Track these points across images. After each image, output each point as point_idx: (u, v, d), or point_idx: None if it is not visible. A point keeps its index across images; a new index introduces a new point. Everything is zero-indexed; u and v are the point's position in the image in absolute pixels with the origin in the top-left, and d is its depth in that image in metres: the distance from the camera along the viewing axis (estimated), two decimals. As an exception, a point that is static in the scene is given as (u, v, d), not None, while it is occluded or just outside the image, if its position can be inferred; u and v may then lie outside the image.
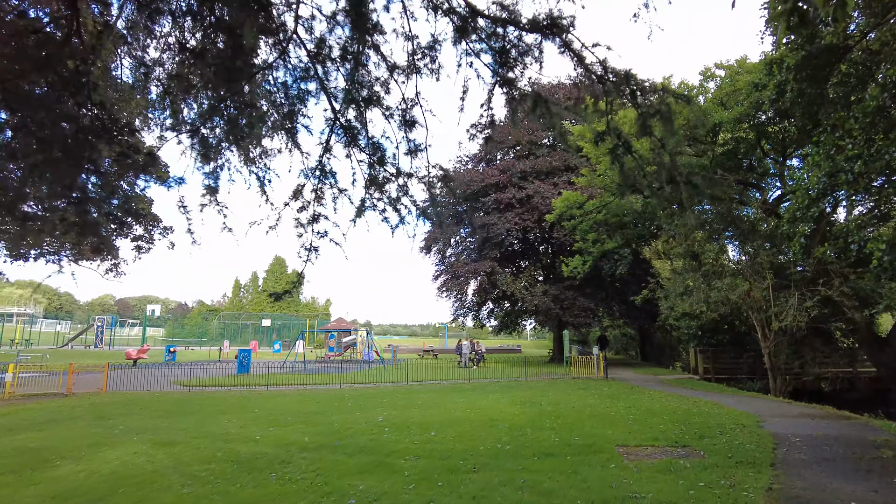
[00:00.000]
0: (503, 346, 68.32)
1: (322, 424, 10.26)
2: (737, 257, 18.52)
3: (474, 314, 38.74)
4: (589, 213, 21.90)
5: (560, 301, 28.83)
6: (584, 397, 14.10)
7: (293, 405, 13.16)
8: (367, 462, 7.17)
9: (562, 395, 14.74)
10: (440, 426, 9.82)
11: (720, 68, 17.60)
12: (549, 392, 15.47)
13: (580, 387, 16.87)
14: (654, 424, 9.74)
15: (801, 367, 17.57)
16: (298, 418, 11.07)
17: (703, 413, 11.10)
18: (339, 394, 15.61)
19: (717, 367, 21.38)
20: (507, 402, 13.37)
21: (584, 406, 12.36)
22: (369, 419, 10.81)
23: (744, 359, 21.16)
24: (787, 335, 16.42)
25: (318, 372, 23.08)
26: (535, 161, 31.13)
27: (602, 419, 10.44)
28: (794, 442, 8.05)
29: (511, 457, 7.36)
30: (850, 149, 8.12)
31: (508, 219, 29.82)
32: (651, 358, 38.06)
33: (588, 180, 20.31)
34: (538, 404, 12.80)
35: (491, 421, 10.34)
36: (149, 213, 18.29)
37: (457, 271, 32.74)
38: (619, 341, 51.96)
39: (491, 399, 13.99)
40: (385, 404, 13.14)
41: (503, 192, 30.78)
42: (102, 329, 45.54)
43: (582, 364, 22.51)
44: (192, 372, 23.30)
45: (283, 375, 20.72)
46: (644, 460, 7.06)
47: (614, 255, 25.89)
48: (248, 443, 8.59)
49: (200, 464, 7.14)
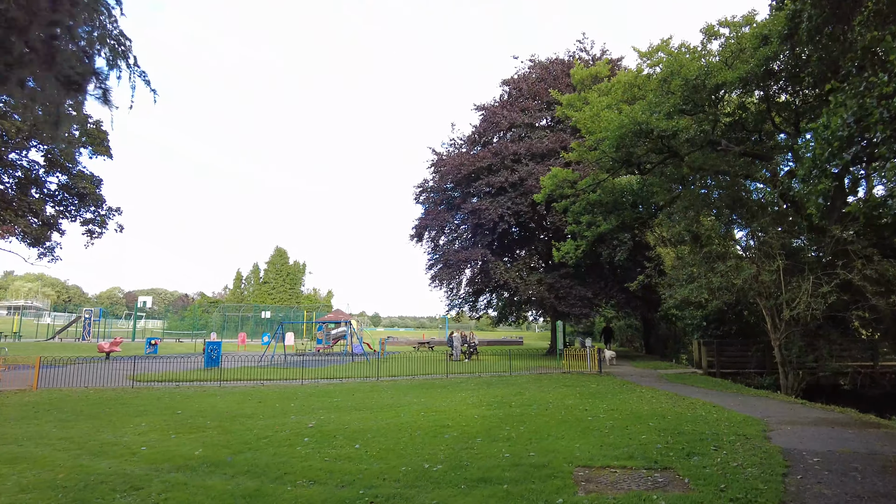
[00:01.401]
0: (506, 337, 66.56)
1: (236, 431, 8.57)
2: (745, 241, 16.53)
3: (471, 305, 36.82)
4: (582, 192, 19.96)
5: (555, 290, 26.94)
6: (565, 396, 12.30)
7: (228, 405, 11.50)
8: (241, 490, 5.44)
9: (541, 393, 12.95)
10: (373, 435, 8.09)
11: (724, 26, 15.49)
12: (528, 389, 13.70)
13: (566, 383, 15.07)
14: (634, 434, 7.93)
15: (815, 361, 15.63)
16: (218, 422, 9.40)
17: (698, 419, 9.26)
18: (292, 391, 13.94)
19: (722, 361, 19.46)
20: (473, 402, 11.62)
21: (559, 408, 10.57)
22: (299, 424, 9.11)
23: (752, 352, 19.22)
24: (801, 325, 14.48)
25: (293, 366, 21.50)
26: (529, 143, 29.10)
27: (574, 426, 8.65)
28: (812, 464, 6.19)
29: (432, 484, 5.60)
30: (886, 83, 6.22)
31: (500, 203, 27.92)
32: (656, 350, 36.11)
33: (578, 154, 18.32)
34: (507, 405, 11.03)
35: (439, 429, 8.59)
36: (92, 193, 16.68)
37: (448, 259, 30.87)
38: (623, 333, 49.96)
39: (457, 398, 12.24)
40: (332, 405, 11.44)
41: (495, 176, 28.85)
42: (90, 321, 44.32)
43: (574, 357, 20.70)
44: (158, 366, 21.86)
45: (248, 369, 19.10)
46: (605, 492, 5.26)
47: (613, 241, 23.94)
48: (122, 457, 6.91)
49: (11, 494, 5.46)
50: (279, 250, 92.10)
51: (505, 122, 30.95)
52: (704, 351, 19.96)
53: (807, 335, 15.68)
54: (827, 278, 12.65)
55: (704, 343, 20.10)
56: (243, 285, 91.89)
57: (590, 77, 18.32)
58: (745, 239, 15.23)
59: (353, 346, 34.24)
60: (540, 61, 33.45)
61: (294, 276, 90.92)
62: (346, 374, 18.10)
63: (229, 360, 22.07)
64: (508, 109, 31.55)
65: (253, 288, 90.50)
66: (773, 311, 14.96)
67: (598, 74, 18.71)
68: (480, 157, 29.93)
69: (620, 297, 27.27)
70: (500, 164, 29.03)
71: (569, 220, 21.08)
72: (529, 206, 27.33)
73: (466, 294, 35.04)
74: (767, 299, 14.58)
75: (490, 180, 28.76)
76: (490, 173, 29.30)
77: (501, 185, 28.32)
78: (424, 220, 33.06)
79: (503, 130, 31.87)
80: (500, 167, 29.01)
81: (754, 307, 16.82)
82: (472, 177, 29.82)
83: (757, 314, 17.16)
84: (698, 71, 13.32)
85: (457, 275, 32.36)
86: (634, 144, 14.43)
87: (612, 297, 27.18)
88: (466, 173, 29.74)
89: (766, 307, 14.74)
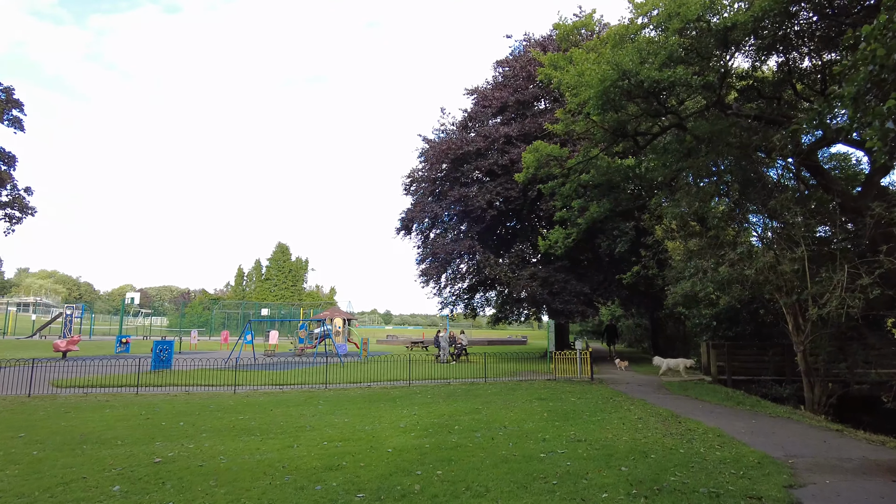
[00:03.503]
0: (511, 337, 63.80)
1: (48, 472, 6.18)
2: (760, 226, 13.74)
3: (466, 302, 33.90)
4: (572, 172, 17.30)
5: (549, 285, 24.26)
6: (529, 416, 9.73)
7: (100, 423, 9.13)
8: None
9: (503, 410, 10.40)
10: (219, 483, 5.64)
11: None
12: (491, 404, 11.16)
13: (542, 395, 12.49)
14: (593, 489, 5.38)
15: (848, 369, 12.84)
16: (48, 452, 7.03)
17: (693, 460, 6.65)
18: (203, 404, 11.56)
19: (734, 367, 16.70)
20: (410, 423, 9.13)
21: (512, 436, 8.02)
22: (142, 458, 6.70)
23: (769, 356, 16.44)
24: (831, 326, 11.74)
25: (249, 369, 19.21)
26: (521, 123, 26.42)
27: (513, 471, 6.11)
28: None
29: None
30: None
31: (489, 189, 25.31)
32: (665, 352, 33.25)
33: (565, 125, 15.64)
34: (448, 429, 8.52)
35: (323, 472, 6.12)
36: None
37: (436, 253, 28.27)
38: (632, 332, 47.03)
39: (393, 417, 9.75)
40: (226, 426, 9.02)
41: (485, 159, 26.25)
42: (71, 318, 42.56)
43: (565, 361, 18.11)
44: (104, 369, 19.62)
45: (196, 373, 16.74)
46: None
47: (614, 231, 21.22)
48: None
49: None
50: (281, 246, 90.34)
51: (496, 103, 28.30)
52: (714, 355, 17.21)
53: (837, 338, 12.91)
54: (867, 267, 9.91)
55: (714, 346, 17.35)
56: (245, 282, 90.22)
57: (575, 31, 15.67)
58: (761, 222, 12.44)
59: (336, 346, 32.06)
60: (535, 39, 30.70)
61: (296, 272, 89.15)
62: (293, 381, 15.69)
63: (186, 361, 19.80)
64: (501, 91, 28.92)
65: (255, 285, 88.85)
66: (795, 309, 12.21)
67: (587, 27, 16.04)
68: (469, 140, 27.31)
69: (622, 294, 24.54)
70: (490, 147, 26.42)
71: (557, 203, 18.39)
72: (520, 192, 24.68)
73: (460, 291, 32.35)
74: (788, 295, 11.82)
75: (478, 164, 26.16)
76: (479, 157, 26.70)
77: (490, 169, 25.72)
78: (412, 211, 30.43)
79: (494, 112, 29.19)
80: (489, 150, 26.41)
81: (772, 305, 14.06)
82: (460, 161, 27.23)
83: (775, 312, 14.41)
84: (703, 9, 10.61)
85: (446, 270, 29.80)
86: (623, 104, 11.82)
87: (613, 294, 24.48)
88: (454, 158, 27.16)
89: (786, 305, 11.99)
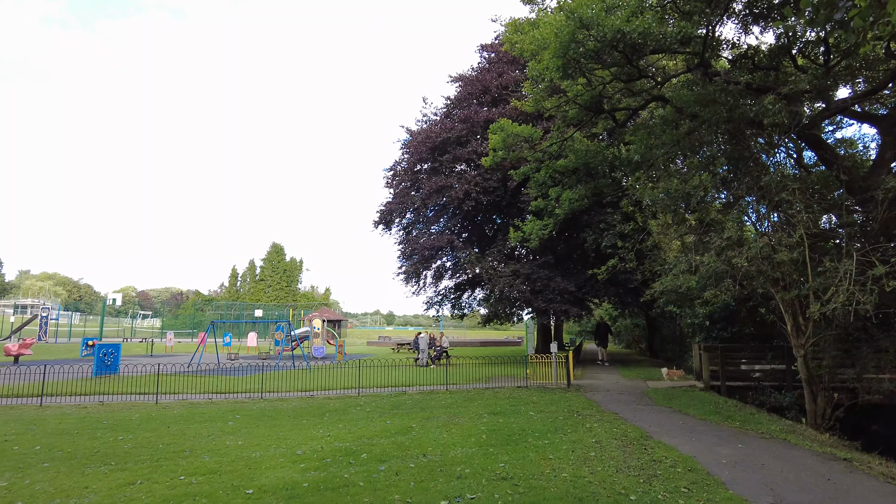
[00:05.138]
0: (508, 337, 61.83)
1: None
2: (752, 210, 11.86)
3: (453, 302, 31.85)
4: (546, 155, 15.51)
5: (532, 282, 22.46)
6: (463, 438, 7.96)
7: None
8: None
9: (437, 430, 8.64)
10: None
11: None
12: (429, 422, 9.42)
13: (498, 408, 10.71)
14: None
15: (856, 377, 11.00)
16: None
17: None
18: (113, 416, 9.86)
19: (728, 372, 14.86)
20: (313, 447, 7.39)
21: (423, 469, 6.28)
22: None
23: (767, 360, 14.62)
24: (837, 327, 9.93)
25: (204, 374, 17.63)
26: (503, 108, 24.62)
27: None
28: None
29: None
30: None
31: (467, 179, 23.55)
32: (661, 354, 31.38)
33: (535, 101, 13.81)
34: (351, 459, 6.79)
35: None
36: None
37: (414, 248, 26.50)
38: (630, 332, 45.10)
39: (300, 438, 8.02)
40: (96, 450, 7.33)
41: (464, 148, 24.50)
42: (47, 320, 41.10)
43: (543, 365, 16.37)
44: (36, 376, 17.99)
45: (138, 379, 15.08)
46: None
47: (600, 224, 19.41)
48: None
49: None
50: (276, 246, 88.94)
51: (479, 86, 26.53)
52: (706, 358, 15.37)
53: (842, 340, 11.09)
54: (881, 254, 8.10)
55: (706, 349, 15.51)
56: (239, 283, 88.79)
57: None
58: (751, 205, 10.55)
59: (314, 349, 30.45)
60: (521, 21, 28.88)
61: (291, 273, 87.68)
62: (231, 389, 14.00)
63: (138, 365, 17.95)
64: (485, 75, 27.14)
65: (249, 285, 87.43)
66: (794, 306, 10.39)
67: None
68: (449, 127, 25.58)
69: (611, 291, 22.72)
70: (470, 133, 24.67)
71: (531, 191, 16.57)
72: (499, 183, 22.93)
73: (446, 290, 30.51)
74: (786, 289, 10.01)
75: (457, 153, 24.41)
76: (459, 145, 24.95)
77: (469, 158, 23.99)
78: (392, 203, 28.58)
79: (478, 98, 27.40)
80: (469, 137, 24.66)
81: (772, 302, 12.23)
82: (440, 150, 25.48)
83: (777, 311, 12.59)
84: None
85: (428, 267, 28.02)
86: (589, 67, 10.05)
87: (601, 292, 22.65)
88: (432, 146, 25.43)
89: (784, 301, 10.17)
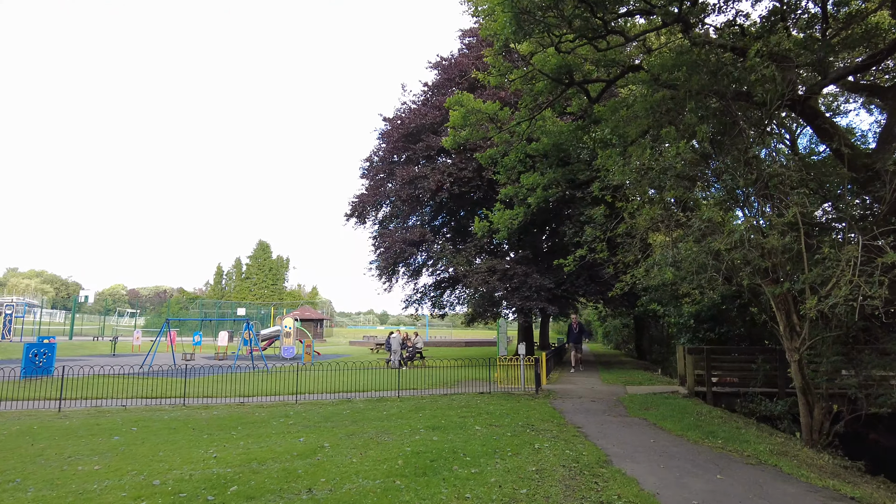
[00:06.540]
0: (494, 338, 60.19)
1: None
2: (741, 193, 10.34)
3: (434, 301, 30.19)
4: (515, 136, 13.95)
5: (509, 279, 20.95)
6: (376, 463, 6.41)
7: None
8: None
9: (352, 451, 7.09)
10: None
11: None
12: (351, 438, 7.87)
13: (438, 422, 9.17)
14: None
15: (859, 386, 9.51)
16: None
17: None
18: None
19: (715, 377, 13.42)
20: (178, 476, 5.83)
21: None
22: None
23: (758, 363, 13.12)
24: (836, 327, 8.44)
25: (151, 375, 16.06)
26: (480, 94, 23.09)
27: None
28: None
29: None
30: None
31: (440, 168, 22.03)
32: (648, 355, 29.98)
33: (498, 73, 12.25)
34: (210, 495, 5.23)
35: None
36: None
37: (388, 241, 24.89)
38: (619, 333, 43.75)
39: (178, 461, 6.45)
40: None
41: (438, 136, 22.96)
42: (12, 317, 39.17)
43: (507, 369, 14.88)
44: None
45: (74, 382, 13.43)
46: None
47: (580, 217, 17.88)
48: None
49: None
50: (262, 244, 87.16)
51: (458, 70, 24.99)
52: (691, 361, 13.84)
53: (843, 342, 9.61)
54: (893, 239, 6.63)
55: (691, 351, 14.00)
56: (224, 281, 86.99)
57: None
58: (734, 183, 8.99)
59: (283, 349, 28.86)
60: (504, 3, 27.40)
61: (277, 271, 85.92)
62: (153, 395, 12.40)
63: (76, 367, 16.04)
64: (465, 59, 25.61)
65: (235, 283, 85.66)
66: (787, 302, 8.89)
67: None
68: (423, 113, 24.06)
69: (591, 288, 21.21)
70: (444, 120, 23.14)
71: (500, 177, 15.02)
72: (475, 172, 21.41)
73: (426, 288, 28.94)
74: (777, 283, 8.51)
75: (431, 141, 22.88)
76: (433, 133, 23.43)
77: (443, 147, 22.47)
78: (365, 195, 26.93)
79: (455, 85, 25.86)
80: (443, 124, 23.13)
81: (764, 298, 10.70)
82: (413, 138, 23.94)
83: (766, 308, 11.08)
84: None
85: (405, 262, 26.39)
86: (550, 22, 8.51)
87: (581, 289, 21.16)
88: (406, 134, 23.90)
89: (774, 296, 8.67)
